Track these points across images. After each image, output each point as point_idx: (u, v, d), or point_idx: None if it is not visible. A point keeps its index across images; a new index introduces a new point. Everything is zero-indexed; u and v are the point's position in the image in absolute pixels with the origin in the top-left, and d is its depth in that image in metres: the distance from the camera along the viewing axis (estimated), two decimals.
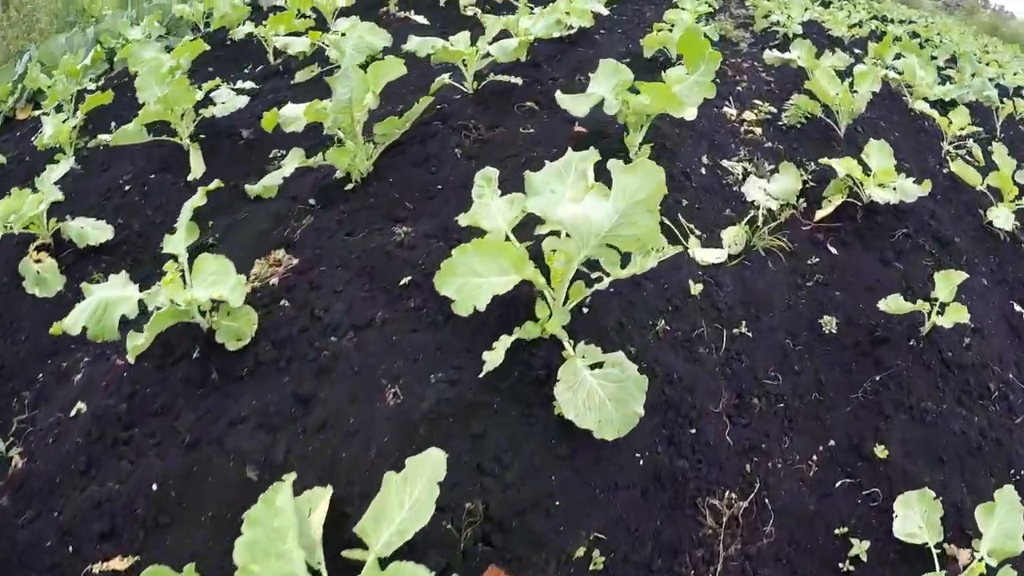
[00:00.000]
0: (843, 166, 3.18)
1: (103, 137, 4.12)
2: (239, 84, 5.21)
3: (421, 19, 6.07)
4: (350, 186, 3.27)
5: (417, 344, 2.28)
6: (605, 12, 5.98)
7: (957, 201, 3.92)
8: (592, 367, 1.94)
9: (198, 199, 2.60)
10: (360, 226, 3.00)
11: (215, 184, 2.79)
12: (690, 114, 4.04)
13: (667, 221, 2.95)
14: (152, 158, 4.30)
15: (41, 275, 3.52)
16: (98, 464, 2.50)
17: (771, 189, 3.45)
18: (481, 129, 3.62)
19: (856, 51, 6.82)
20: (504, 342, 1.98)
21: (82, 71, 5.45)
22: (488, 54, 3.94)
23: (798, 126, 4.27)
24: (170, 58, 4.92)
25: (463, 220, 2.26)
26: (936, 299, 2.56)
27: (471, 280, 1.86)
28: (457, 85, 4.02)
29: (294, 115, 3.10)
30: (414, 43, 3.99)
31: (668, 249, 2.08)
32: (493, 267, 1.90)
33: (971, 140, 4.53)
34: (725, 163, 3.73)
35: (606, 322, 2.27)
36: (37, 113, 5.73)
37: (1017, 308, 3.24)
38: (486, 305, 1.84)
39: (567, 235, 1.81)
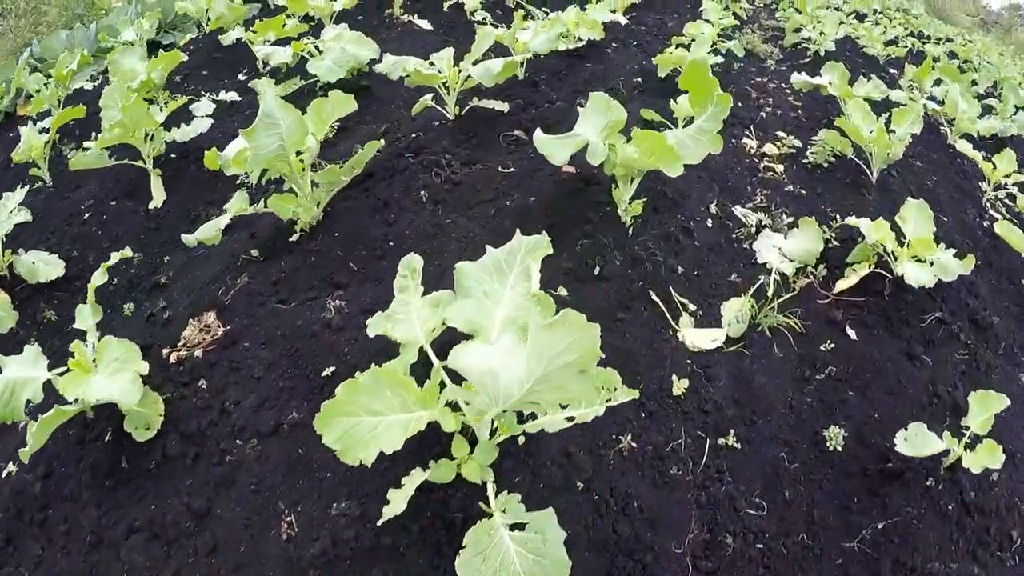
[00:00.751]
0: (874, 231, 2.70)
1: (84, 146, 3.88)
2: (222, 95, 4.93)
3: (425, 24, 5.70)
4: (295, 237, 2.93)
5: (325, 460, 1.95)
6: (623, 21, 5.51)
7: (998, 267, 3.41)
8: (513, 527, 1.57)
9: (99, 276, 2.33)
10: (296, 291, 2.67)
11: (122, 254, 2.50)
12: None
13: (656, 298, 2.54)
14: (119, 179, 4.05)
15: None
16: (15, 542, 2.34)
17: (787, 248, 2.99)
18: (455, 166, 3.24)
19: (892, 71, 6.20)
20: (410, 483, 1.63)
21: (69, 75, 5.21)
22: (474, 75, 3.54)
23: (825, 165, 3.78)
24: (145, 70, 4.65)
25: (374, 327, 1.88)
26: (967, 428, 2.11)
27: (363, 422, 1.50)
28: (439, 109, 3.64)
29: (228, 157, 2.76)
30: (386, 63, 3.61)
31: (621, 392, 1.69)
32: (394, 402, 1.54)
33: (1017, 189, 3.97)
34: (738, 211, 3.29)
35: (548, 452, 1.89)
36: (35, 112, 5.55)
37: None
38: (373, 460, 1.47)
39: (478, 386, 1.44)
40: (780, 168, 3.82)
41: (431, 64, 3.51)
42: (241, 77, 5.41)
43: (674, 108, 3.63)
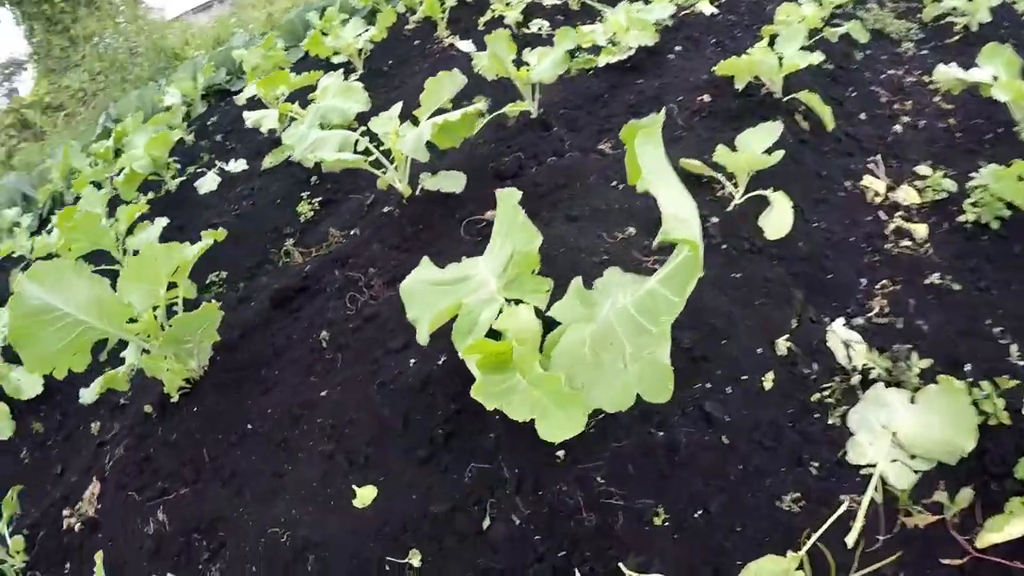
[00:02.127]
0: None
1: None
2: (231, 165, 4.27)
3: (466, 45, 4.62)
4: (175, 398, 2.16)
5: None
6: (709, 10, 4.08)
7: None
8: None
9: None
10: (156, 476, 2.01)
11: None
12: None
13: None
14: None
15: None
16: None
17: (909, 433, 1.56)
18: (376, 286, 2.17)
19: None
20: None
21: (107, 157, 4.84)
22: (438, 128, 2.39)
23: (994, 227, 2.23)
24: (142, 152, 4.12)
25: None
26: None
27: None
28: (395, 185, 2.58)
29: None
30: (298, 146, 2.59)
31: None
32: None
33: None
34: (835, 335, 1.87)
35: None
36: None
37: None
38: None
39: None
40: (921, 232, 2.32)
41: (364, 132, 2.44)
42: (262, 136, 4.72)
43: (732, 155, 2.25)
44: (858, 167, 2.68)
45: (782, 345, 1.80)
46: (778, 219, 2.06)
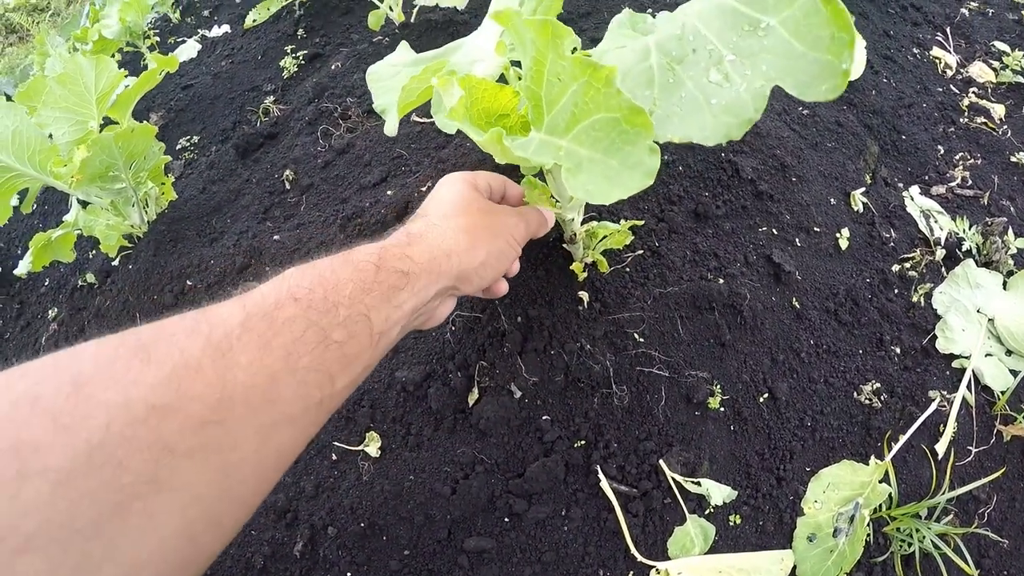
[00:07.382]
0: None
1: None
2: (213, 31, 3.60)
3: None
4: (116, 260, 1.71)
5: None
6: None
7: None
8: None
9: None
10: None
11: None
12: None
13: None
14: None
15: None
16: None
17: (1008, 327, 1.22)
18: (354, 115, 1.67)
19: None
20: None
21: None
22: None
23: None
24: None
25: None
26: None
27: None
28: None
29: None
30: None
31: None
32: None
33: None
34: (913, 202, 1.47)
35: None
36: None
37: None
38: None
39: None
40: (998, 112, 1.85)
41: None
42: None
43: None
44: (925, 38, 2.18)
45: (858, 199, 1.36)
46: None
